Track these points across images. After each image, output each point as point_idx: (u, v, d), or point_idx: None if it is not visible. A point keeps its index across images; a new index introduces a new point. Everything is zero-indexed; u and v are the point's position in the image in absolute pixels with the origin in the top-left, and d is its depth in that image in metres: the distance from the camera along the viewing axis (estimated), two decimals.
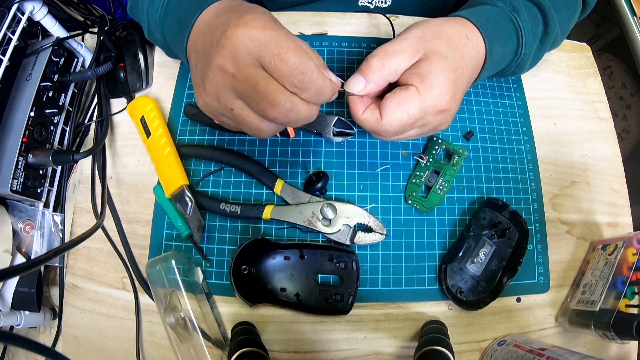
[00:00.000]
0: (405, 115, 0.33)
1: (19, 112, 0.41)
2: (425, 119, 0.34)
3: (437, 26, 0.36)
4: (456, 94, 0.34)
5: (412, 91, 0.33)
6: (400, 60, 0.34)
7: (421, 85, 0.33)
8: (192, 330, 0.36)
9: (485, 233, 0.42)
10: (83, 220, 0.44)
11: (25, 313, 0.40)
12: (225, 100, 0.31)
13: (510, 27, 0.39)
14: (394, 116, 0.33)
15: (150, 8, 0.40)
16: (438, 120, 0.35)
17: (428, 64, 0.33)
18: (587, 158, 0.49)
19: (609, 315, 0.36)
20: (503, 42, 0.39)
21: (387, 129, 0.34)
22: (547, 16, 0.41)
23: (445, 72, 0.33)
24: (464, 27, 0.37)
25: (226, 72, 0.30)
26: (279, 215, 0.40)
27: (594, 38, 1.06)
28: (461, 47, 0.35)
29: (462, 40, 0.36)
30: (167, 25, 0.39)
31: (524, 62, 0.43)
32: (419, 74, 0.33)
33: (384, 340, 0.40)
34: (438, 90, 0.33)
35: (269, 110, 0.30)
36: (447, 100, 0.34)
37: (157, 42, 0.43)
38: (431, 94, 0.33)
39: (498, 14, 0.39)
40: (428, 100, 0.33)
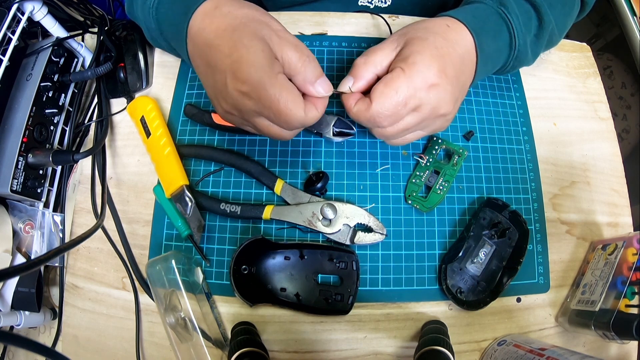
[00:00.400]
0: (393, 92, 0.33)
1: (19, 112, 0.41)
2: (418, 97, 0.33)
3: (417, 23, 0.38)
4: (445, 69, 0.34)
5: (397, 71, 0.33)
6: (382, 53, 0.36)
7: (404, 64, 0.33)
8: (192, 330, 0.36)
9: (485, 233, 0.42)
10: (83, 220, 0.44)
11: (25, 313, 0.40)
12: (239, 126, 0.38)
13: (499, 21, 0.40)
14: (383, 97, 0.33)
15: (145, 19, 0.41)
16: (433, 99, 0.34)
17: (409, 47, 0.35)
18: (587, 158, 0.49)
19: (609, 315, 0.36)
20: (493, 35, 0.39)
21: (378, 111, 0.33)
22: (540, 11, 0.41)
23: (426, 50, 0.34)
24: (444, 20, 0.38)
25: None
26: (279, 215, 0.40)
27: (594, 38, 1.06)
28: (442, 33, 0.36)
29: (441, 28, 0.37)
30: (167, 35, 0.40)
31: (522, 56, 0.42)
32: (402, 57, 0.35)
33: (384, 340, 0.40)
34: (422, 64, 0.33)
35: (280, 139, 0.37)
36: (434, 72, 0.33)
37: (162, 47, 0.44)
38: (416, 68, 0.33)
39: (485, 10, 0.40)
40: (414, 75, 0.33)
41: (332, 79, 0.47)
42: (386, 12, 0.53)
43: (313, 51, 0.49)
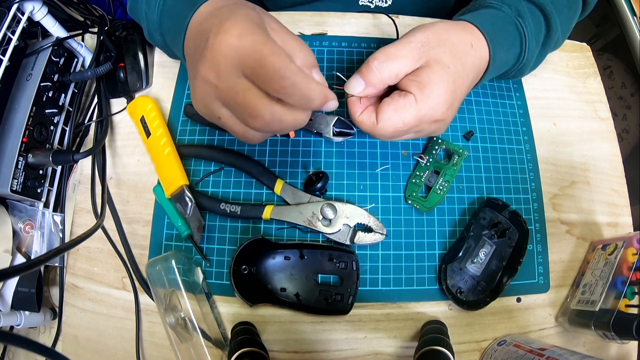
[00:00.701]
0: (400, 122, 0.33)
1: (19, 112, 0.41)
2: (420, 127, 0.35)
3: (443, 32, 0.35)
4: (453, 104, 0.35)
5: (409, 99, 0.33)
6: (401, 64, 0.34)
7: (419, 94, 0.33)
8: (192, 330, 0.36)
9: (485, 233, 0.42)
10: (83, 220, 0.44)
11: (25, 313, 0.40)
12: (212, 109, 0.31)
13: (515, 33, 0.39)
14: (389, 122, 0.33)
15: (148, 11, 0.40)
16: (433, 128, 0.36)
17: (429, 73, 0.33)
18: (587, 158, 0.49)
19: (609, 315, 0.36)
20: (507, 48, 0.39)
21: (381, 134, 0.34)
22: (550, 20, 0.41)
23: (444, 83, 0.33)
24: (469, 34, 0.37)
25: (210, 83, 0.30)
26: (279, 215, 0.40)
27: (594, 38, 1.06)
28: (464, 57, 0.35)
29: (466, 49, 0.36)
30: (165, 27, 0.40)
31: (526, 67, 0.43)
32: (419, 82, 0.33)
33: (384, 340, 0.40)
34: (436, 100, 0.33)
35: (250, 121, 0.30)
36: (443, 110, 0.34)
37: (157, 44, 0.43)
38: (428, 104, 0.33)
39: (504, 19, 0.39)
40: (425, 110, 0.33)
41: (332, 79, 0.47)
42: (387, 12, 0.53)
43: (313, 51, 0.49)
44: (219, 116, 0.32)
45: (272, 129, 0.31)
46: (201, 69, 0.30)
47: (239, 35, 0.28)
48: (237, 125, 0.32)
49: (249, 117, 0.29)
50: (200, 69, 0.30)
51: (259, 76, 0.28)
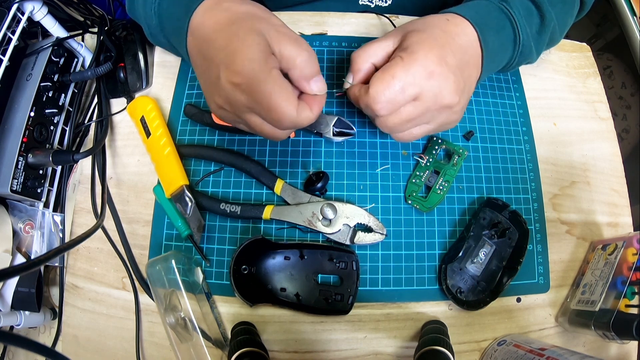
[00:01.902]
0: (389, 77, 0.33)
1: (19, 112, 0.41)
2: (417, 84, 0.33)
3: (417, 19, 0.39)
4: (445, 57, 0.34)
5: (395, 60, 0.34)
6: (379, 45, 0.37)
7: (404, 53, 0.34)
8: (192, 330, 0.36)
9: (485, 233, 0.42)
10: (83, 220, 0.44)
11: (25, 313, 0.40)
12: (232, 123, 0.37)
13: (502, 16, 0.40)
14: (379, 81, 0.33)
15: (146, 16, 0.40)
16: (434, 86, 0.33)
17: (407, 40, 0.35)
18: (587, 158, 0.49)
19: (609, 315, 0.36)
20: (496, 30, 0.39)
21: (374, 96, 0.33)
22: (542, 8, 0.41)
23: (425, 40, 0.34)
24: (443, 15, 0.38)
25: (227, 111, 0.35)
26: (279, 215, 0.40)
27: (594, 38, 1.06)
28: (441, 26, 0.37)
29: (440, 21, 0.37)
30: (168, 31, 0.40)
31: (526, 51, 0.42)
32: (401, 48, 0.35)
33: (384, 340, 0.40)
34: (420, 52, 0.33)
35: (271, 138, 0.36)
36: (433, 60, 0.33)
37: (162, 45, 0.44)
38: (414, 56, 0.33)
39: (487, 6, 0.40)
40: (413, 63, 0.33)
41: (332, 79, 0.47)
42: (387, 11, 0.53)
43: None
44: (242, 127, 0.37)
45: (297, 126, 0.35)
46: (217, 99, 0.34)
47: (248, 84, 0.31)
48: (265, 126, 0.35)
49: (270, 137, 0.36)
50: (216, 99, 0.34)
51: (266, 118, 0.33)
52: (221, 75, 0.32)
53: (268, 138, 0.36)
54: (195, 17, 0.35)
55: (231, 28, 0.32)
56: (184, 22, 0.35)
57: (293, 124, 0.33)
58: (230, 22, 0.33)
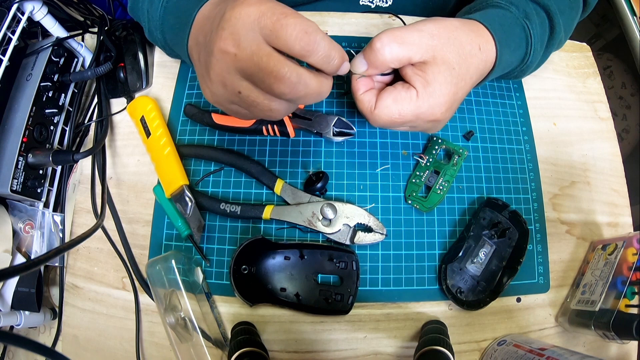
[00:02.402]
0: (397, 114, 0.34)
1: (19, 112, 0.41)
2: (416, 123, 0.35)
3: (453, 30, 0.35)
4: (452, 106, 0.35)
5: (411, 93, 0.33)
6: (405, 51, 0.33)
7: (422, 91, 0.33)
8: (192, 330, 0.36)
9: (485, 233, 0.42)
10: (83, 220, 0.44)
11: (25, 313, 0.40)
12: (231, 84, 0.30)
13: (522, 35, 0.39)
14: (386, 110, 0.34)
15: (150, 8, 0.40)
16: (428, 126, 0.36)
17: (434, 72, 0.33)
18: (587, 158, 0.49)
19: (609, 315, 0.36)
20: (513, 49, 0.39)
21: (376, 120, 0.35)
22: (554, 21, 0.41)
23: (448, 85, 0.33)
24: (478, 36, 0.36)
25: (228, 54, 0.29)
26: (279, 215, 0.40)
27: (594, 38, 1.06)
28: (470, 59, 0.35)
29: (473, 51, 0.35)
30: (167, 24, 0.40)
31: (528, 68, 0.43)
32: (424, 78, 0.33)
33: (384, 340, 0.40)
34: (437, 100, 0.33)
35: (275, 86, 0.29)
36: (443, 111, 0.34)
37: (157, 41, 0.43)
38: (429, 102, 0.33)
39: (512, 20, 0.39)
40: (424, 108, 0.33)
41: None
42: (387, 11, 0.53)
43: None
44: (239, 90, 0.30)
45: (298, 94, 0.30)
46: (218, 42, 0.29)
47: (258, 2, 0.28)
48: (260, 97, 0.30)
49: (275, 80, 0.28)
50: (217, 42, 0.29)
51: (280, 37, 0.27)
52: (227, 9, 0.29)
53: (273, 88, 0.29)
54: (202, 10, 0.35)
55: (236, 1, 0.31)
56: (192, 12, 0.35)
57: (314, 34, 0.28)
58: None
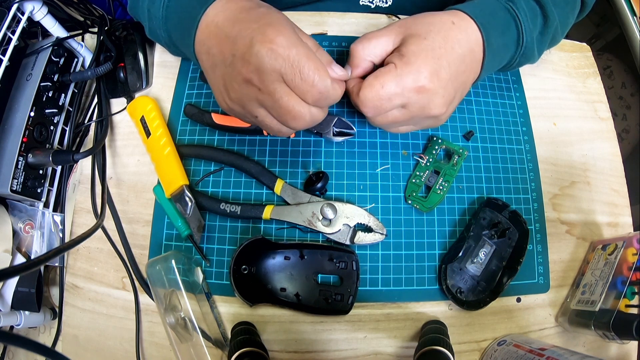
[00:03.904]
0: (379, 86, 0.34)
1: (19, 112, 0.41)
2: (405, 96, 0.34)
3: (421, 16, 0.38)
4: (439, 72, 0.34)
5: (389, 67, 0.35)
6: (379, 43, 0.37)
7: (399, 62, 0.34)
8: (192, 330, 0.36)
9: (485, 233, 0.42)
10: (83, 220, 0.44)
11: (25, 313, 0.40)
12: (250, 109, 0.34)
13: (508, 17, 0.40)
14: (369, 87, 0.35)
15: (152, 7, 0.40)
16: (423, 100, 0.35)
17: (406, 45, 0.35)
18: (587, 158, 0.49)
19: (609, 315, 0.36)
20: (501, 31, 0.39)
21: (362, 100, 0.35)
22: (546, 8, 0.41)
23: (423, 51, 0.34)
24: (451, 15, 0.38)
25: (252, 86, 0.32)
26: (279, 215, 0.40)
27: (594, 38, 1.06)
28: (444, 31, 0.36)
29: (445, 25, 0.37)
30: (171, 23, 0.39)
31: (529, 52, 0.42)
32: (399, 54, 0.35)
33: (384, 340, 0.40)
34: (415, 65, 0.34)
35: (291, 122, 0.33)
36: (426, 75, 0.34)
37: (160, 40, 0.43)
38: (407, 69, 0.34)
39: (494, 5, 0.40)
40: (405, 75, 0.34)
41: None
42: (387, 12, 0.53)
43: None
44: (256, 115, 0.34)
45: (307, 126, 0.34)
46: (243, 72, 0.32)
47: (285, 47, 0.30)
48: (274, 122, 0.34)
49: (291, 119, 0.33)
50: (243, 72, 0.32)
51: (298, 87, 0.31)
52: (255, 42, 0.31)
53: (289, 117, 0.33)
54: (209, 11, 0.35)
55: (260, 9, 0.34)
56: (198, 14, 0.35)
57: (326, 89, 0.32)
58: (258, 6, 0.34)
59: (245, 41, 0.32)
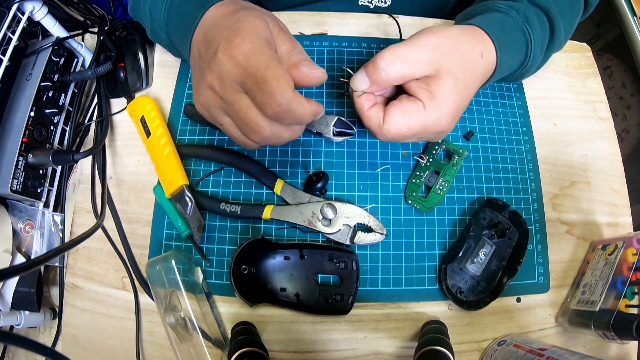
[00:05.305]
0: (405, 127, 0.34)
1: (19, 112, 0.41)
2: (423, 135, 0.35)
3: (454, 39, 0.35)
4: (457, 116, 0.35)
5: (418, 106, 0.33)
6: (409, 67, 0.33)
7: (429, 103, 0.33)
8: (192, 330, 0.36)
9: (485, 233, 0.42)
10: (83, 220, 0.44)
11: (25, 313, 0.40)
12: (215, 115, 0.33)
13: (522, 40, 0.40)
14: (395, 125, 0.34)
15: (154, 9, 0.40)
16: (434, 137, 0.37)
17: (439, 84, 0.33)
18: (587, 158, 0.49)
19: (609, 315, 0.36)
20: (513, 54, 0.39)
21: (384, 134, 0.34)
22: (554, 24, 0.41)
23: (453, 96, 0.34)
24: (480, 42, 0.36)
25: (215, 92, 0.32)
26: (279, 215, 0.40)
27: (594, 38, 1.06)
28: (474, 67, 0.35)
29: (476, 59, 0.36)
30: (172, 26, 0.40)
31: (527, 72, 0.43)
32: (430, 91, 0.33)
33: (384, 340, 0.40)
34: (444, 111, 0.34)
35: (250, 135, 0.32)
36: (448, 122, 0.34)
37: (162, 42, 0.43)
38: (436, 114, 0.33)
39: (512, 24, 0.39)
40: (432, 120, 0.34)
41: (332, 79, 0.47)
42: (386, 12, 0.53)
43: (313, 51, 0.49)
44: (221, 123, 0.34)
45: (270, 143, 0.33)
46: (207, 77, 0.31)
47: (246, 56, 0.29)
48: (238, 134, 0.33)
49: (250, 131, 0.32)
50: (207, 77, 0.31)
51: (257, 98, 0.30)
52: (219, 49, 0.30)
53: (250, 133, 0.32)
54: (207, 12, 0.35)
55: (239, 13, 0.33)
56: (196, 17, 0.35)
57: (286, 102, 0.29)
58: (240, 9, 0.33)
59: (214, 47, 0.31)
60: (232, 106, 0.31)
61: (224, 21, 0.33)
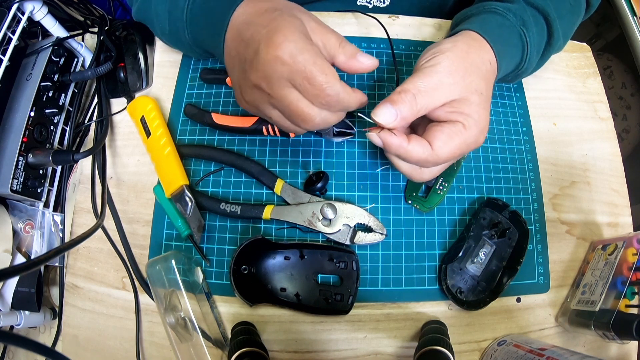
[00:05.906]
0: (455, 147, 0.34)
1: (19, 112, 0.41)
2: (465, 153, 0.36)
3: (466, 57, 0.35)
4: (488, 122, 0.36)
5: (459, 127, 0.34)
6: (434, 98, 0.33)
7: (466, 122, 0.34)
8: (192, 330, 0.36)
9: (485, 233, 0.42)
10: (83, 220, 0.44)
11: (25, 313, 0.40)
12: (263, 110, 0.35)
13: (519, 44, 0.40)
14: (446, 148, 0.34)
15: (174, 9, 0.40)
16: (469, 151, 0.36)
17: (469, 104, 0.34)
18: (587, 158, 0.49)
19: (609, 315, 0.36)
20: (510, 58, 0.40)
21: (436, 160, 0.34)
22: (552, 27, 0.41)
23: (483, 110, 0.35)
24: (486, 52, 0.37)
25: (262, 91, 0.33)
26: (279, 215, 0.40)
27: (594, 38, 1.06)
28: (488, 76, 0.37)
29: (488, 69, 0.37)
30: (197, 25, 0.39)
31: (522, 74, 0.44)
32: (462, 112, 0.34)
33: (384, 340, 0.40)
34: (480, 126, 0.35)
35: (302, 125, 0.34)
36: (485, 135, 0.35)
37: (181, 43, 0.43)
38: (475, 131, 0.34)
39: (509, 28, 0.40)
40: (473, 137, 0.34)
41: None
42: (385, 12, 0.53)
43: None
44: (270, 116, 0.35)
45: (320, 128, 0.35)
46: (253, 78, 0.32)
47: (291, 54, 0.30)
48: (287, 123, 0.35)
49: (301, 122, 0.33)
50: (252, 78, 0.32)
51: (307, 91, 0.31)
52: (261, 49, 0.31)
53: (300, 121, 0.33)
54: (238, 9, 0.35)
55: (274, 13, 0.33)
56: (226, 15, 0.35)
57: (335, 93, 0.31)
58: (273, 9, 0.34)
59: (254, 47, 0.32)
60: (281, 101, 0.32)
61: (257, 19, 0.33)
